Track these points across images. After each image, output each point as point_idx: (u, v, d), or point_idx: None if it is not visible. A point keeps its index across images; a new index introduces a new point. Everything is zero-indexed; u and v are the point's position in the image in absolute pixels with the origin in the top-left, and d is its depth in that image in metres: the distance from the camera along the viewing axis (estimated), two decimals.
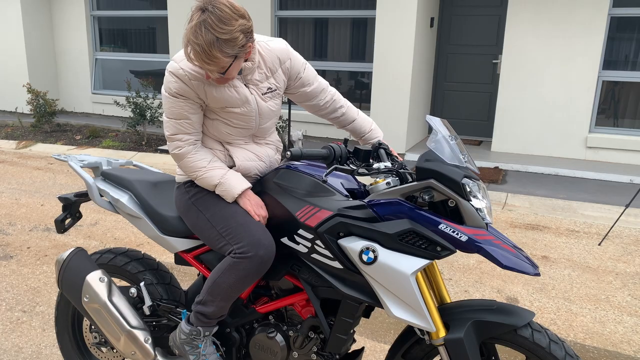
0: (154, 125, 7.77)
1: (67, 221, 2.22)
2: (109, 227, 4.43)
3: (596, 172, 6.08)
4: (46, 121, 8.38)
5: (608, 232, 4.30)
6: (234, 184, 1.76)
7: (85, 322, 2.21)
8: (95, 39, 9.64)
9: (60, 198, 2.19)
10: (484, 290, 3.43)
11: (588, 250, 4.14)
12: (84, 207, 4.94)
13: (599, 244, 4.25)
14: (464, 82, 7.58)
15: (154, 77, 8.40)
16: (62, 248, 3.96)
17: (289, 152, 1.57)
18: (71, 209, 2.22)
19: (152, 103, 7.59)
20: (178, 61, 1.70)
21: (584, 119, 6.53)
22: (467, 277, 3.62)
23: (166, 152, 7.17)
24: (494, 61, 7.28)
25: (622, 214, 4.35)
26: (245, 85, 1.77)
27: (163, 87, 1.73)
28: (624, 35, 6.37)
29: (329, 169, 1.61)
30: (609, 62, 6.47)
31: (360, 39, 7.66)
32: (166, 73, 1.72)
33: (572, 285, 3.54)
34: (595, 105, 6.54)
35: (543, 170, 6.29)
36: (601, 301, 3.33)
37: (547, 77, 6.59)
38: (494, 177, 5.96)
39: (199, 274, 2.13)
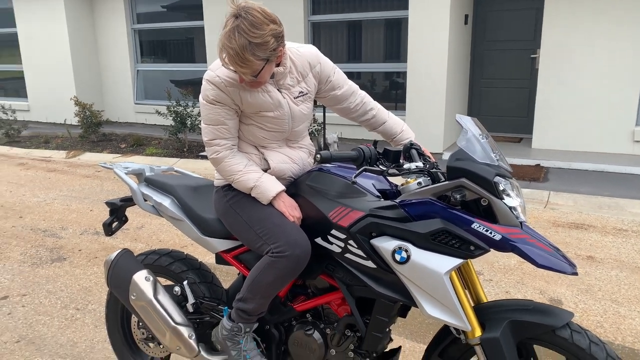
0: (194, 132, 7.99)
1: (114, 224, 2.34)
2: (154, 230, 4.60)
3: None
4: (93, 131, 8.75)
5: None
6: (269, 187, 1.82)
7: (134, 319, 2.32)
8: (136, 51, 9.99)
9: (107, 203, 2.31)
10: (525, 291, 3.38)
11: (637, 250, 4.00)
12: (130, 212, 5.14)
13: None
14: (501, 79, 7.45)
15: (193, 86, 8.64)
16: (110, 250, 4.14)
17: (318, 155, 1.62)
18: (117, 213, 2.34)
19: (192, 111, 7.81)
20: (214, 69, 1.78)
21: (630, 112, 6.30)
22: (508, 278, 3.57)
23: (207, 157, 7.36)
24: (532, 56, 7.12)
25: None
26: (278, 90, 1.84)
27: (201, 95, 1.82)
28: None
29: (358, 171, 1.65)
30: None
31: (394, 40, 7.64)
32: (203, 82, 1.80)
33: (620, 286, 3.43)
34: None
35: (587, 167, 6.11)
36: None
37: (588, 70, 6.40)
38: (535, 175, 5.83)
39: (239, 273, 2.20)
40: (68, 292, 3.44)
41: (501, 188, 1.59)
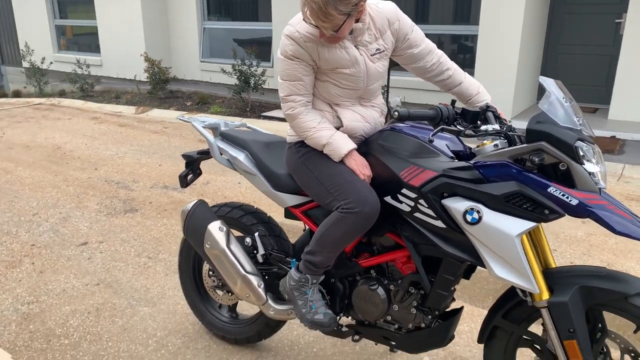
0: (258, 92, 8.10)
1: (189, 177, 2.45)
2: (220, 187, 4.77)
3: None
4: (160, 88, 9.05)
5: None
6: (341, 144, 1.85)
7: (205, 268, 2.46)
8: (203, 9, 10.13)
9: (184, 155, 2.42)
10: (591, 263, 3.28)
11: None
12: None
13: None
14: (580, 45, 7.02)
15: (258, 45, 8.69)
16: (179, 204, 4.35)
17: (396, 112, 1.62)
18: (193, 166, 2.45)
19: (256, 71, 7.90)
20: (294, 25, 1.80)
21: None
22: (573, 249, 3.47)
23: (269, 118, 7.47)
24: (616, 21, 6.64)
25: None
26: (355, 46, 1.84)
27: (279, 50, 1.85)
28: None
29: (436, 129, 1.64)
30: None
31: (465, 0, 7.33)
32: (282, 37, 1.82)
33: None
34: None
35: None
36: None
37: None
38: (610, 147, 5.54)
39: (304, 229, 2.28)
40: (140, 241, 3.66)
41: (582, 153, 1.55)
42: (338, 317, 2.06)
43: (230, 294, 2.44)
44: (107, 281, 3.11)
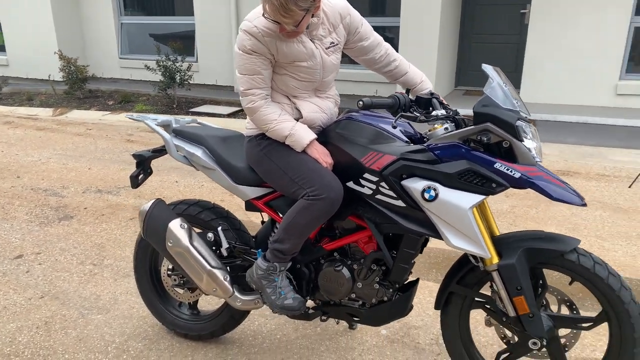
0: (184, 88, 7.94)
1: (140, 177, 2.42)
2: (156, 187, 4.68)
3: (626, 118, 6.11)
4: (78, 88, 8.61)
5: (638, 176, 4.40)
6: (303, 135, 1.93)
7: (164, 268, 2.44)
8: (119, 3, 9.71)
9: (134, 155, 2.39)
10: None
11: (618, 192, 4.26)
12: (126, 170, 5.20)
13: (629, 187, 4.36)
14: (491, 34, 7.53)
15: (181, 40, 8.48)
16: (116, 208, 4.22)
17: (361, 102, 1.73)
18: (144, 165, 2.42)
19: (181, 66, 7.73)
20: (252, 20, 1.85)
21: (614, 67, 6.50)
22: (501, 221, 3.79)
23: (197, 114, 7.36)
24: (522, 11, 7.19)
25: None
26: (311, 40, 1.92)
27: (237, 45, 1.89)
28: None
29: (397, 116, 1.77)
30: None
31: None
32: (240, 32, 1.87)
33: (604, 224, 3.69)
34: (626, 52, 6.49)
35: (572, 119, 6.33)
36: (632, 238, 3.48)
37: (576, 26, 6.53)
38: None
39: (262, 222, 2.34)
40: (81, 248, 3.53)
41: (522, 131, 1.74)
42: (306, 300, 2.15)
43: (191, 292, 2.45)
44: (52, 293, 2.98)
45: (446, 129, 1.84)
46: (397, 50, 7.19)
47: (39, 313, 2.78)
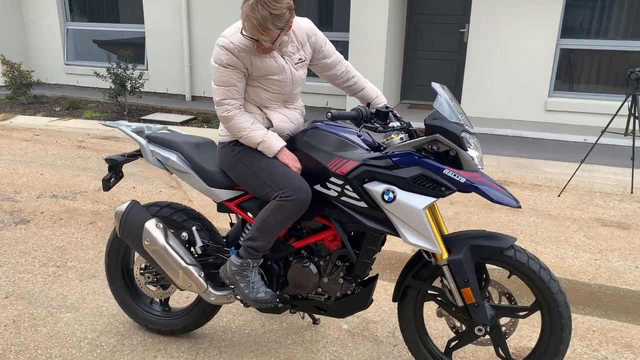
0: (135, 95, 7.91)
1: (112, 180, 2.53)
2: (114, 192, 4.70)
3: (554, 133, 6.69)
4: (22, 93, 8.37)
5: (566, 185, 4.88)
6: (274, 142, 2.13)
7: (136, 266, 2.56)
8: (65, 8, 9.53)
9: (107, 159, 2.50)
10: None
11: (549, 201, 4.71)
12: (86, 176, 5.18)
13: (559, 196, 4.83)
14: (433, 51, 8.01)
15: (130, 48, 8.44)
16: (74, 212, 4.23)
17: (329, 114, 1.96)
18: (116, 169, 2.54)
19: (132, 74, 7.71)
20: (228, 36, 2.04)
21: (544, 85, 7.10)
22: (446, 226, 4.12)
23: (149, 121, 7.36)
24: (461, 30, 7.71)
25: (577, 169, 4.93)
26: (281, 56, 2.13)
27: (213, 59, 2.07)
28: (579, 6, 6.91)
29: (360, 127, 2.01)
30: (565, 31, 7.01)
31: (336, 10, 7.95)
32: (217, 47, 2.05)
33: (537, 230, 4.09)
34: (553, 72, 7.11)
35: (508, 133, 6.85)
36: (561, 242, 3.89)
37: (510, 46, 7.09)
38: None
39: (231, 223, 2.51)
40: (42, 251, 3.54)
41: (466, 142, 2.02)
42: (276, 294, 2.34)
43: (163, 289, 2.57)
44: (17, 293, 3.01)
45: (402, 138, 2.09)
46: None
47: (6, 312, 2.81)
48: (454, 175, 2.00)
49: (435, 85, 2.13)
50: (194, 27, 8.58)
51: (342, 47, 7.99)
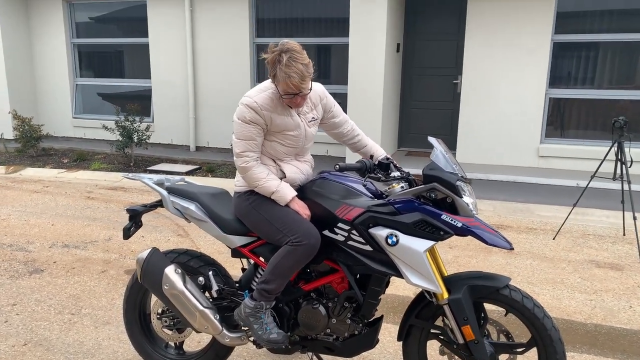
0: (141, 147, 8.18)
1: (132, 229, 2.71)
2: (123, 242, 4.86)
3: (547, 177, 6.93)
4: (31, 146, 8.64)
5: (560, 228, 5.07)
6: (287, 192, 2.33)
7: (154, 312, 2.70)
8: (75, 65, 9.96)
9: (128, 210, 2.69)
10: None
11: (545, 243, 4.88)
12: (96, 225, 5.34)
13: (554, 238, 5.00)
14: (428, 101, 8.37)
15: (137, 101, 8.79)
16: (86, 261, 4.37)
17: (337, 166, 2.18)
18: (136, 219, 2.72)
19: (139, 126, 8.01)
20: (252, 96, 2.29)
21: (536, 132, 7.40)
22: (446, 269, 4.25)
23: (155, 172, 7.59)
24: (454, 81, 8.09)
25: (570, 212, 5.13)
26: (298, 115, 2.38)
27: (236, 115, 2.31)
28: (565, 56, 7.31)
29: (365, 177, 2.22)
30: (553, 81, 7.38)
31: (334, 63, 8.36)
32: (241, 106, 2.30)
33: (534, 272, 4.24)
34: (544, 119, 7.42)
35: (502, 178, 7.08)
36: (557, 283, 4.03)
37: (502, 95, 7.44)
38: None
39: (242, 268, 2.67)
40: (57, 299, 3.67)
41: (461, 190, 2.22)
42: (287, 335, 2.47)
43: (179, 332, 2.70)
44: (35, 340, 3.12)
45: (402, 187, 2.29)
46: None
47: (25, 359, 2.91)
48: (451, 220, 2.19)
49: (432, 139, 2.35)
50: (199, 80, 8.97)
51: (341, 99, 8.34)
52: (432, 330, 2.43)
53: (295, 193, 2.37)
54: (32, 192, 6.65)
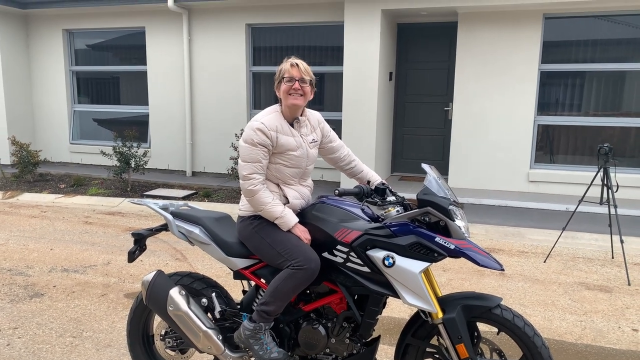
0: (138, 172, 8.28)
1: (136, 252, 2.81)
2: (122, 266, 4.92)
3: (537, 202, 7.08)
4: (29, 171, 8.71)
5: (550, 252, 5.19)
6: (290, 218, 2.45)
7: (157, 333, 2.77)
8: (73, 92, 10.11)
9: (133, 234, 2.78)
10: None
11: (536, 266, 4.99)
12: (92, 249, 5.40)
13: (544, 261, 5.12)
14: (420, 127, 8.57)
15: (127, 125, 8.91)
16: (86, 285, 4.43)
17: (337, 191, 2.30)
18: (140, 242, 2.82)
19: (137, 152, 8.13)
20: (259, 120, 2.44)
21: (525, 157, 7.59)
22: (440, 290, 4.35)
23: (152, 196, 7.68)
24: (445, 108, 8.31)
25: (559, 236, 5.26)
26: (300, 135, 2.53)
27: (243, 139, 2.44)
28: (552, 86, 7.56)
29: (363, 202, 2.34)
30: (542, 108, 7.61)
31: (329, 91, 8.57)
32: (249, 130, 2.43)
33: (525, 294, 4.34)
34: (533, 145, 7.63)
35: (494, 203, 7.24)
36: (548, 305, 4.13)
37: (492, 122, 7.65)
38: None
39: (243, 290, 2.76)
40: (58, 323, 3.72)
41: (453, 213, 2.34)
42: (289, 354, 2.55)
43: (182, 353, 2.77)
44: None
45: (398, 211, 2.42)
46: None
47: None
48: (445, 242, 2.31)
49: (425, 166, 2.49)
50: (195, 107, 9.14)
51: (335, 125, 8.52)
52: (428, 349, 2.52)
53: (298, 220, 2.48)
54: (30, 217, 6.70)
